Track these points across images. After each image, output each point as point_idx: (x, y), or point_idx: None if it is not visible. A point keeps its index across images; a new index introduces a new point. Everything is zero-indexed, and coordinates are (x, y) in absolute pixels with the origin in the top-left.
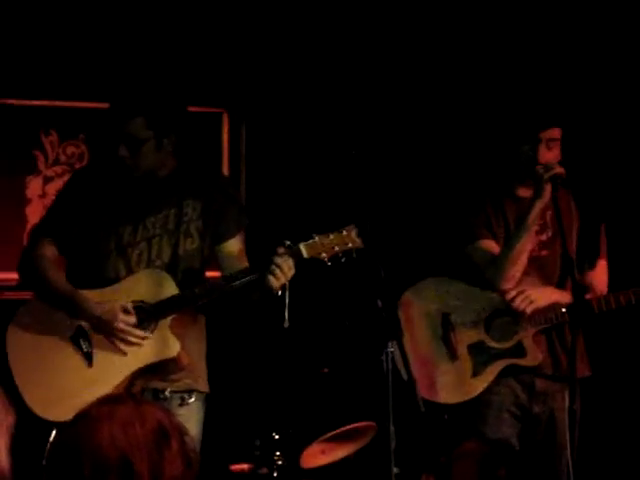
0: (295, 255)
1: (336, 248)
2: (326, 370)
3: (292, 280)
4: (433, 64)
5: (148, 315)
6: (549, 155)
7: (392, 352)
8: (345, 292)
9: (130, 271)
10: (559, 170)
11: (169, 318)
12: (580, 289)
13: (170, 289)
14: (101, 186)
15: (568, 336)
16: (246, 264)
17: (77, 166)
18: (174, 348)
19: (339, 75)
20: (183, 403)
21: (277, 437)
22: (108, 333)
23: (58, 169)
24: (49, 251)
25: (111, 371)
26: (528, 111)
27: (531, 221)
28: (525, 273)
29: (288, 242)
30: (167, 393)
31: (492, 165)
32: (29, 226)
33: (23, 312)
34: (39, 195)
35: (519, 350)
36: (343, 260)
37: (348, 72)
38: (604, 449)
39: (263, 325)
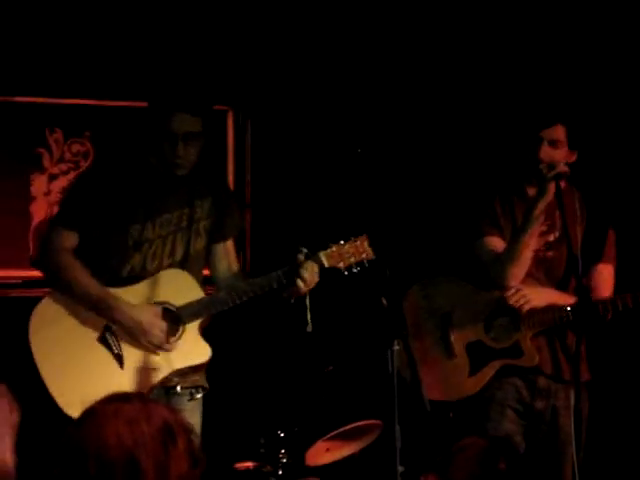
0: (317, 263)
1: (352, 259)
2: (331, 368)
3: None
4: (440, 61)
5: (176, 318)
6: (555, 154)
7: (397, 351)
8: (350, 290)
9: (144, 268)
10: (563, 169)
11: (198, 321)
12: (584, 290)
13: (195, 291)
14: (118, 182)
15: (570, 339)
16: (237, 264)
17: (82, 164)
18: (207, 353)
19: (345, 72)
20: (192, 398)
21: (282, 435)
22: (139, 339)
23: (63, 167)
24: (70, 243)
25: (145, 374)
26: (529, 110)
27: (534, 219)
28: (530, 274)
29: (305, 250)
30: (178, 389)
31: (501, 163)
32: (34, 223)
33: (45, 307)
34: (44, 193)
35: (516, 350)
36: (356, 270)
37: (354, 69)
38: (609, 449)
39: (268, 324)
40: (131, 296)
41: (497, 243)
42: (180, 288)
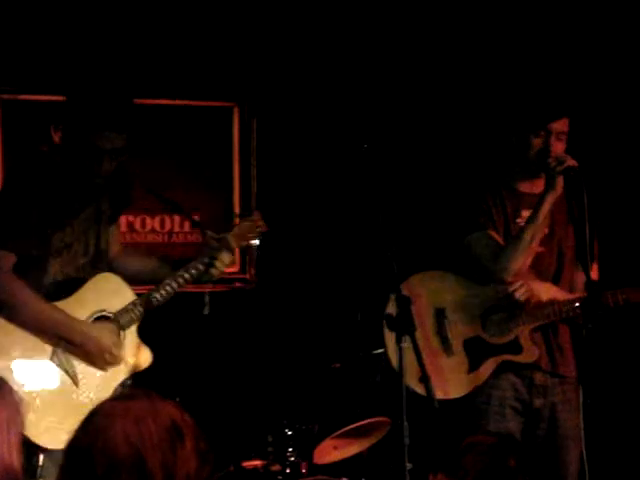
0: (227, 247)
1: (251, 235)
2: (338, 365)
3: (306, 276)
4: (441, 58)
5: (117, 326)
6: (559, 147)
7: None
8: (358, 287)
9: (62, 272)
10: (571, 162)
11: (136, 325)
12: (594, 285)
13: (127, 293)
14: (40, 193)
15: (563, 334)
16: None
17: None
18: (149, 357)
19: (349, 69)
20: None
21: (289, 433)
22: (95, 360)
23: None
24: (9, 264)
25: (99, 388)
26: (539, 103)
27: (543, 214)
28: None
29: (210, 233)
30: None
31: (491, 157)
32: None
33: None
34: None
35: (515, 346)
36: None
37: (358, 66)
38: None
39: (274, 321)
40: (69, 310)
41: (494, 237)
42: (112, 293)
